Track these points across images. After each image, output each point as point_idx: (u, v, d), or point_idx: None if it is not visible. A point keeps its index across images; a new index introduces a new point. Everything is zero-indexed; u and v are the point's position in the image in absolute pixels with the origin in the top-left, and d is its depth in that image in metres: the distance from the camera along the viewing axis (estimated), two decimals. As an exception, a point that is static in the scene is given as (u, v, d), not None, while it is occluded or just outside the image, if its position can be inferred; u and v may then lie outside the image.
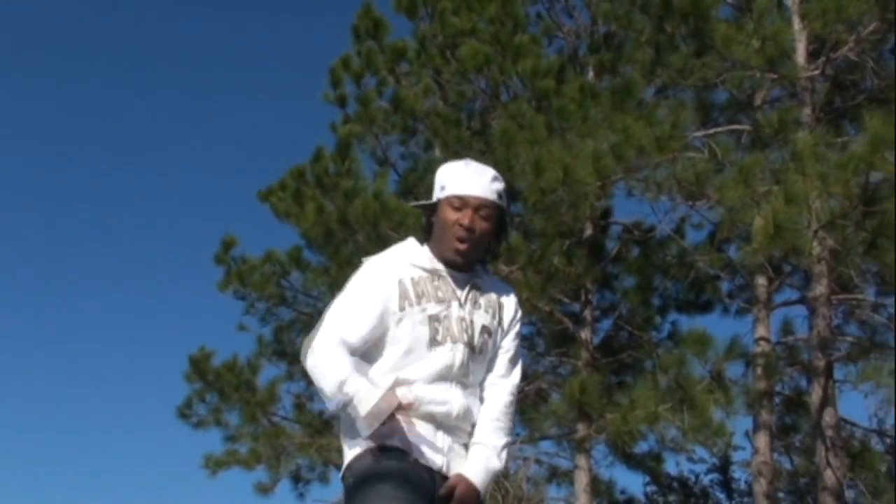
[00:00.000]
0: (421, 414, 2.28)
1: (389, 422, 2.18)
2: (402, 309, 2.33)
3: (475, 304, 2.42)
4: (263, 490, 11.68)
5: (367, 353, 2.34)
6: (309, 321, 11.78)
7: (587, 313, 10.52)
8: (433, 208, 2.44)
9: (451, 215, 2.37)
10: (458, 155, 9.80)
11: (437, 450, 2.28)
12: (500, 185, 2.42)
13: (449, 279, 2.40)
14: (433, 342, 2.33)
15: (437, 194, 2.43)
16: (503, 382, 2.46)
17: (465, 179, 2.41)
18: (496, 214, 2.41)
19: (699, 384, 7.88)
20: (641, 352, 10.28)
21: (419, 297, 2.35)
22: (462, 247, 2.36)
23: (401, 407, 2.20)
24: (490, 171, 2.45)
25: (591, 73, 10.37)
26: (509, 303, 2.51)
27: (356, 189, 9.91)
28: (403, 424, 2.23)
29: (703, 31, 8.04)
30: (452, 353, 2.33)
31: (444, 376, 2.32)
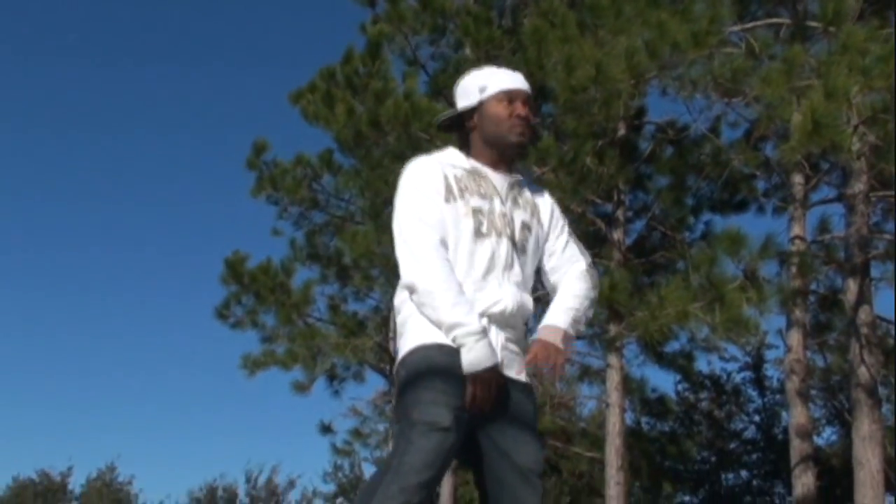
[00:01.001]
0: (478, 312, 2.31)
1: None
2: (447, 202, 2.39)
3: (515, 201, 2.49)
4: (300, 389, 12.01)
5: None
6: (341, 224, 11.86)
7: (620, 214, 10.48)
8: (469, 115, 2.52)
9: (504, 110, 2.49)
10: (488, 55, 9.66)
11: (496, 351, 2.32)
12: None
13: (490, 177, 2.48)
14: (478, 233, 2.38)
15: (478, 97, 2.51)
16: (577, 264, 2.57)
17: (506, 76, 2.54)
18: (534, 109, 2.56)
19: (732, 282, 7.84)
20: (674, 252, 10.25)
21: (462, 191, 2.42)
22: (525, 136, 2.49)
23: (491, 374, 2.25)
24: (517, 72, 2.62)
25: (625, -33, 10.04)
26: (544, 203, 2.60)
27: (386, 90, 9.81)
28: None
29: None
30: (497, 245, 2.39)
31: (491, 268, 2.37)
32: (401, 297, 2.40)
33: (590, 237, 10.92)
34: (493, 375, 2.25)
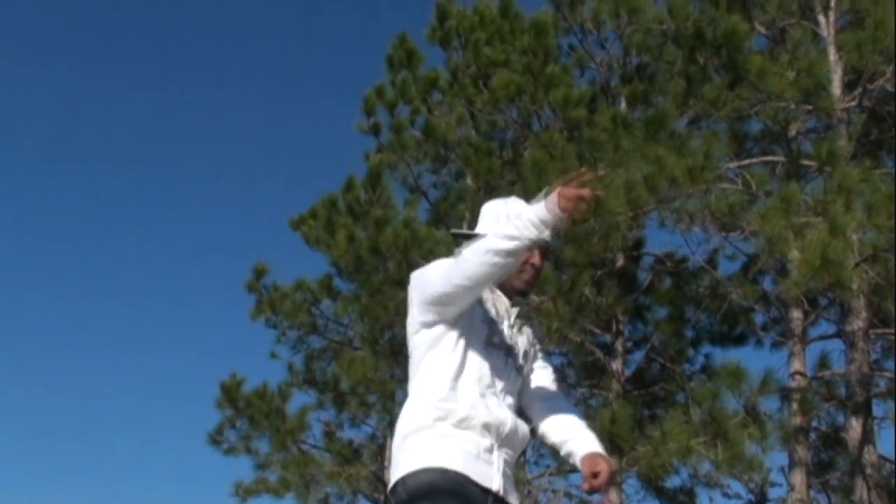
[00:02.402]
0: (479, 425, 2.27)
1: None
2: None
3: (520, 329, 2.54)
4: (292, 519, 11.66)
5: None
6: (339, 349, 11.79)
7: (619, 344, 10.43)
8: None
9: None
10: (489, 184, 9.84)
11: (493, 470, 2.26)
12: None
13: (503, 299, 2.52)
14: (490, 343, 2.40)
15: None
16: (560, 395, 2.64)
17: None
18: (546, 251, 2.59)
19: (733, 418, 7.74)
20: (674, 384, 10.15)
21: (482, 299, 2.44)
22: (530, 285, 2.53)
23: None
24: None
25: (623, 104, 10.36)
26: (534, 333, 2.65)
27: (387, 217, 9.95)
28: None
29: (736, 63, 7.99)
30: (504, 363, 2.42)
31: (493, 384, 2.36)
32: (405, 408, 2.35)
33: (588, 367, 10.84)
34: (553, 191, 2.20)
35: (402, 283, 2.47)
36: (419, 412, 2.29)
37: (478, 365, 2.35)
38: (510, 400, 2.42)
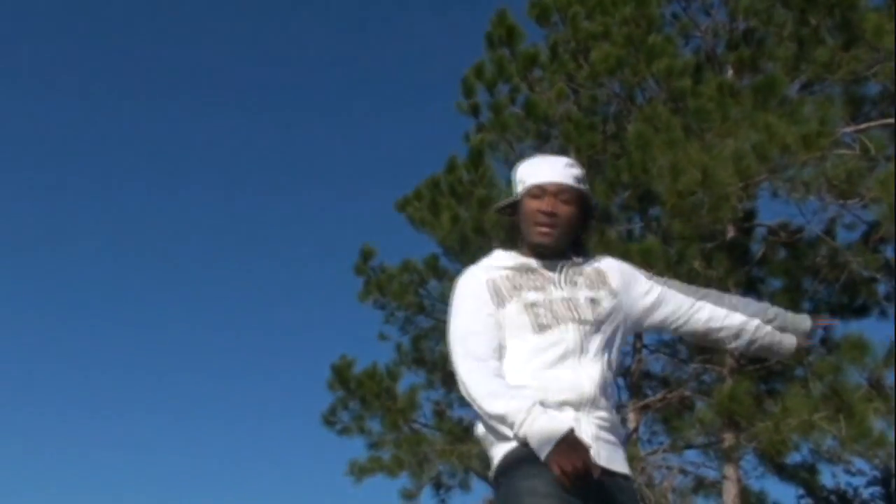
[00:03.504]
0: (556, 402, 2.23)
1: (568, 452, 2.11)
2: (499, 306, 2.34)
3: (573, 283, 2.39)
4: (408, 496, 11.87)
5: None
6: (446, 329, 11.89)
7: (732, 319, 10.17)
8: (515, 208, 2.48)
9: (532, 204, 2.41)
10: (591, 160, 9.72)
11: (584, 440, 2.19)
12: (576, 171, 2.45)
13: (540, 269, 2.40)
14: (540, 327, 2.31)
15: (518, 191, 2.47)
16: (700, 301, 2.54)
17: (542, 169, 2.46)
18: (577, 198, 2.42)
19: (856, 392, 7.47)
20: (791, 359, 9.85)
21: (516, 289, 2.35)
22: (545, 230, 2.38)
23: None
24: (564, 158, 2.52)
25: (730, 72, 10.05)
26: (609, 265, 2.49)
27: (490, 197, 9.95)
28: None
29: (850, 22, 7.65)
30: (564, 333, 2.30)
31: (563, 357, 2.29)
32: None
33: (701, 343, 10.63)
34: (568, 439, 2.09)
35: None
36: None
37: (533, 353, 2.29)
38: (590, 360, 2.30)
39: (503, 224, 2.56)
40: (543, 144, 11.28)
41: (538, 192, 2.40)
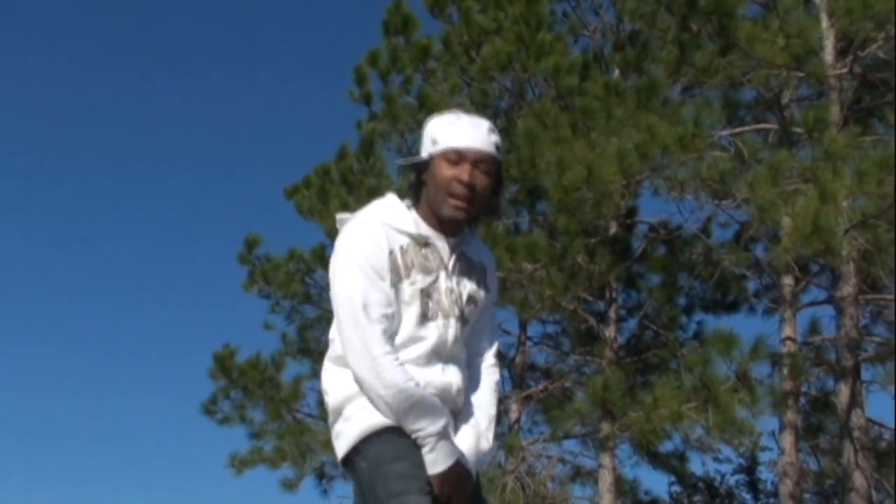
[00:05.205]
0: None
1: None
2: (393, 285, 2.17)
3: (462, 272, 2.26)
4: (289, 486, 11.76)
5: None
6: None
7: (612, 312, 10.50)
8: (423, 166, 2.24)
9: (448, 171, 2.18)
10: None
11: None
12: (497, 138, 2.25)
13: (437, 246, 2.23)
14: (423, 318, 2.19)
15: (429, 149, 2.22)
16: (487, 354, 2.35)
17: (461, 131, 2.21)
18: (495, 169, 2.22)
19: (724, 383, 7.83)
20: (666, 351, 10.24)
21: (408, 268, 2.18)
22: (462, 205, 2.18)
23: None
24: (486, 122, 2.27)
25: (615, 72, 10.34)
26: (491, 265, 2.38)
27: (381, 187, 9.94)
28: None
29: (728, 29, 7.98)
30: (444, 330, 2.20)
31: (437, 353, 2.19)
32: (330, 375, 2.25)
33: (582, 335, 10.92)
34: (457, 472, 2.12)
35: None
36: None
37: (412, 343, 2.18)
38: (459, 358, 2.25)
39: (407, 181, 2.34)
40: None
41: (455, 157, 2.17)
